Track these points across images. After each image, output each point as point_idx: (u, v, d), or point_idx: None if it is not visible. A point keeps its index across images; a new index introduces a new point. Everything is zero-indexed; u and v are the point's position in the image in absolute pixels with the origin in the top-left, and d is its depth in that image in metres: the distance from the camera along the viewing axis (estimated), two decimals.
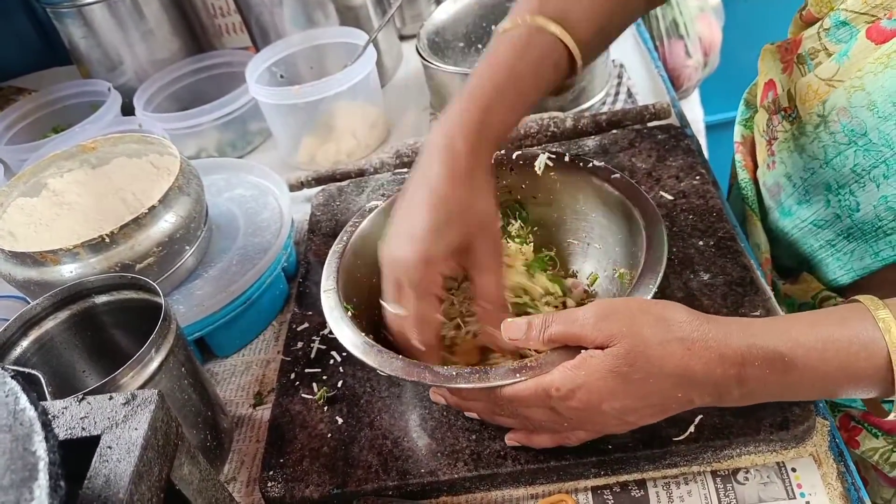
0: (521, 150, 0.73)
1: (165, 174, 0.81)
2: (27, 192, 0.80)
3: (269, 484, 0.60)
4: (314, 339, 0.72)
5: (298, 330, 0.73)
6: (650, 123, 0.89)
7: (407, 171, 0.91)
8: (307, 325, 0.74)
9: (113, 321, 0.66)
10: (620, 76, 1.04)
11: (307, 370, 0.69)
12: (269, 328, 0.81)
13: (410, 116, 1.12)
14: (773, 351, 0.47)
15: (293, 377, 0.69)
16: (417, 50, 0.98)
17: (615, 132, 0.87)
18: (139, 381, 0.55)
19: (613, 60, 1.05)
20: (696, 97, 1.74)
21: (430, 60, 0.96)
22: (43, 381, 0.53)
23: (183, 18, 1.21)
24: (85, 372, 0.67)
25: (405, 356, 0.55)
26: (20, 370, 0.54)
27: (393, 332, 0.59)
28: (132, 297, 0.64)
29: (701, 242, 0.71)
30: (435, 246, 0.55)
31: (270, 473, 0.61)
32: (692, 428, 0.55)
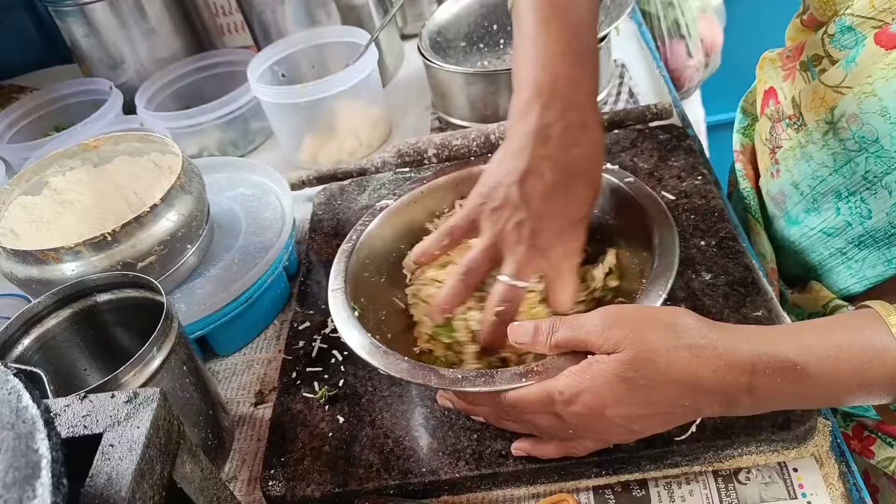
0: None
1: (167, 173, 0.81)
2: (29, 190, 0.80)
3: (270, 483, 0.61)
4: (315, 337, 0.72)
5: (300, 329, 0.73)
6: (652, 123, 0.89)
7: (408, 170, 0.91)
8: (308, 324, 0.74)
9: (115, 319, 0.66)
10: (622, 76, 1.04)
11: (308, 369, 0.69)
12: (270, 327, 0.81)
13: (412, 116, 1.12)
14: (784, 359, 0.46)
15: (294, 376, 0.69)
16: (419, 49, 0.98)
17: (617, 132, 0.87)
18: (141, 379, 0.55)
19: (615, 60, 1.05)
20: (697, 97, 1.74)
21: (431, 60, 0.96)
22: (45, 379, 0.53)
23: (185, 17, 1.21)
24: (87, 370, 0.67)
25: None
26: (22, 368, 0.54)
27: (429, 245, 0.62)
28: (134, 295, 0.64)
29: (703, 242, 0.71)
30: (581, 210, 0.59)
31: (272, 472, 0.61)
32: (694, 427, 0.56)
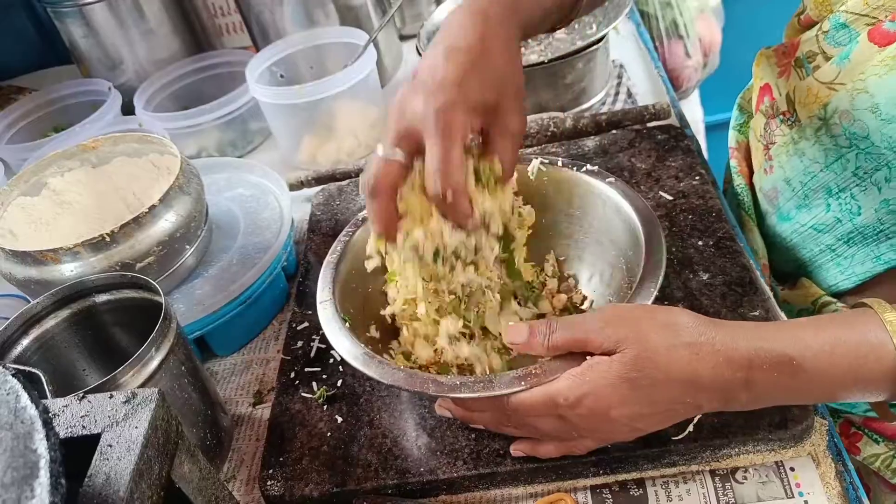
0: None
1: (166, 173, 0.81)
2: (28, 191, 0.80)
3: (268, 482, 0.61)
4: (314, 338, 0.72)
5: (298, 329, 0.74)
6: (650, 124, 0.89)
7: None
8: (307, 324, 0.74)
9: (113, 320, 0.66)
10: (620, 76, 1.04)
11: (307, 369, 0.69)
12: (269, 327, 0.81)
13: None
14: (781, 354, 0.47)
15: (293, 376, 0.69)
16: (417, 50, 0.99)
17: (615, 132, 0.88)
18: (139, 379, 0.56)
19: (613, 61, 1.05)
20: (695, 97, 1.74)
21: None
22: (43, 379, 0.53)
23: (183, 18, 1.21)
24: (85, 370, 0.67)
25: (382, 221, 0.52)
26: (21, 368, 0.54)
27: (374, 195, 0.53)
28: (132, 296, 0.64)
29: (700, 242, 0.71)
30: (464, 98, 0.50)
31: (270, 472, 0.61)
32: (691, 427, 0.56)
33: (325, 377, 0.68)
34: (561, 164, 0.69)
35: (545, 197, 0.70)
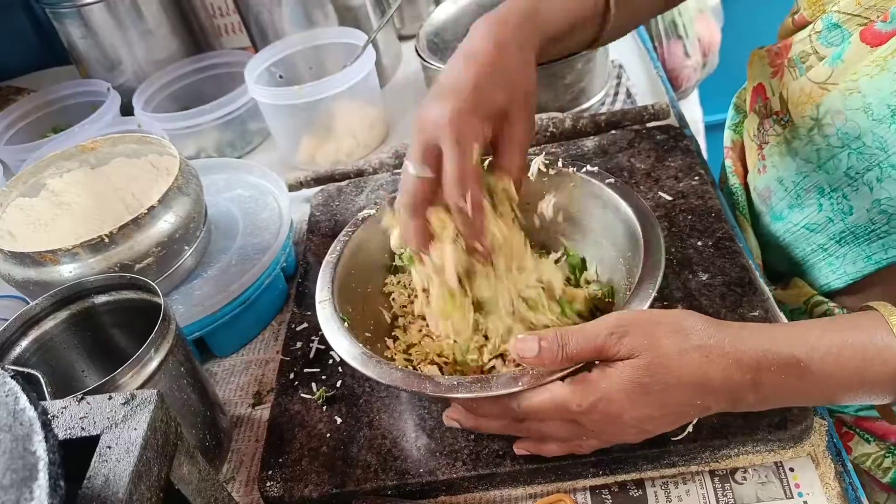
0: None
1: (165, 174, 0.81)
2: (26, 192, 0.80)
3: (267, 483, 0.61)
4: (313, 338, 0.72)
5: (297, 330, 0.74)
6: (649, 124, 0.89)
7: None
8: (306, 325, 0.74)
9: (112, 321, 0.66)
10: (619, 76, 1.04)
11: (306, 370, 0.69)
12: (268, 328, 0.81)
13: (409, 117, 1.12)
14: (788, 356, 0.47)
15: (292, 377, 0.69)
16: (416, 50, 0.98)
17: (614, 133, 0.88)
18: (138, 381, 0.56)
19: (612, 61, 1.05)
20: (695, 97, 1.74)
21: (429, 61, 0.96)
22: (42, 380, 0.53)
23: (182, 18, 1.21)
24: (84, 372, 0.67)
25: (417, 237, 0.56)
26: (20, 370, 0.54)
27: (413, 215, 0.57)
28: (131, 297, 0.64)
29: (700, 243, 0.71)
30: (474, 104, 0.54)
31: (269, 473, 0.61)
32: (690, 428, 0.56)
33: (324, 378, 0.68)
34: (560, 163, 0.69)
35: (544, 197, 0.70)
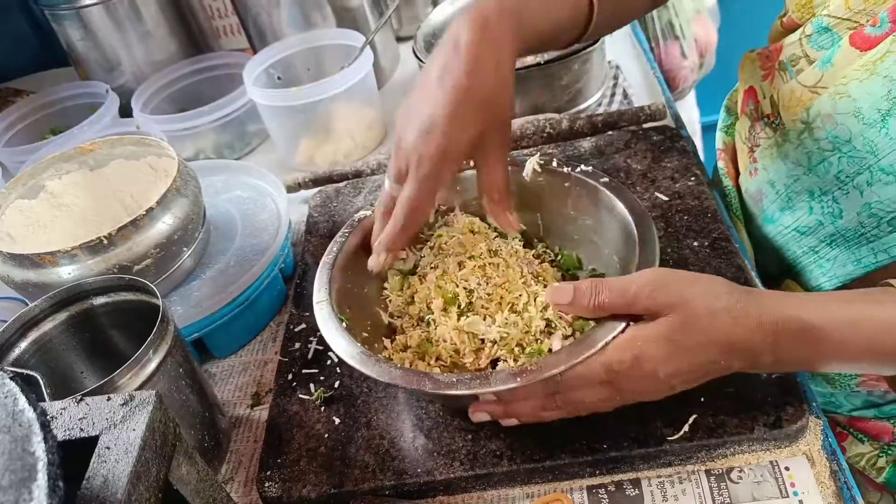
0: (513, 152, 0.73)
1: (163, 176, 0.81)
2: (25, 194, 0.80)
3: (266, 484, 0.61)
4: (311, 339, 0.72)
5: (296, 331, 0.74)
6: (646, 125, 0.89)
7: None
8: (304, 325, 0.74)
9: (111, 322, 0.66)
10: (616, 77, 1.04)
11: (304, 371, 0.70)
12: (266, 329, 0.81)
13: None
14: (807, 322, 0.49)
15: (290, 378, 0.69)
16: (414, 52, 0.99)
17: (611, 133, 0.88)
18: (137, 382, 0.56)
19: (609, 62, 1.05)
20: (691, 98, 1.75)
21: (426, 62, 0.96)
22: (41, 382, 0.53)
23: (180, 20, 1.21)
24: (83, 373, 0.67)
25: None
26: (19, 371, 0.55)
27: (379, 207, 0.63)
28: (130, 298, 0.64)
29: (696, 243, 0.71)
30: (456, 142, 0.56)
31: (268, 473, 0.62)
32: (686, 427, 0.56)
33: (322, 379, 0.68)
34: (556, 163, 0.69)
35: (540, 197, 0.71)
